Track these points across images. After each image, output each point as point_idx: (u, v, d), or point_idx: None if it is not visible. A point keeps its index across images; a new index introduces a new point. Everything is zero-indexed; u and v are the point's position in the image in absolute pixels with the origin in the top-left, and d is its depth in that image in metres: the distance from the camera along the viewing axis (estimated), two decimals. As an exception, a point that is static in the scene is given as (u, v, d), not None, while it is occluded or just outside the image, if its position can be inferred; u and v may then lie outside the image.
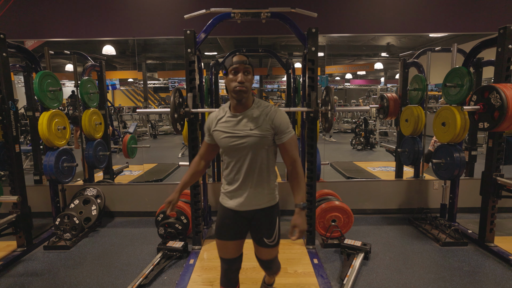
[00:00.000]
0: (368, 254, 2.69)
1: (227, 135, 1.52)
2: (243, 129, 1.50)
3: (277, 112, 1.52)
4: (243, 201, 1.57)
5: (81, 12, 3.83)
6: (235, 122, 1.52)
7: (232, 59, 1.46)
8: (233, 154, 1.54)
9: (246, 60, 1.46)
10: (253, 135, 1.49)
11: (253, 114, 1.51)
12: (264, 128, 1.49)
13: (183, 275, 2.42)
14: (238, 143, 1.50)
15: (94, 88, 3.94)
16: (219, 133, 1.55)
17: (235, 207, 1.59)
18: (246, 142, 1.49)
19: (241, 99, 1.47)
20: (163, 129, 10.99)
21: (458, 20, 3.85)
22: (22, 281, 2.43)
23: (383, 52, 8.81)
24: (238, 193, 1.58)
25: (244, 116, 1.51)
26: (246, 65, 1.46)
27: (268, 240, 1.62)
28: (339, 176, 5.29)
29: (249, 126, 1.49)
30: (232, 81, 1.45)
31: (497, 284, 2.32)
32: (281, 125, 1.51)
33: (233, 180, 1.58)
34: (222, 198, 1.66)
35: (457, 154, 3.01)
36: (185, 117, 2.66)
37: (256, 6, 3.66)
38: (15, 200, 2.64)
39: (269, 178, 1.59)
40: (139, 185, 4.00)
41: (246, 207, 1.58)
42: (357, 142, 7.88)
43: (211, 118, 1.59)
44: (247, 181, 1.55)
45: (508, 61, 2.56)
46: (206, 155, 1.69)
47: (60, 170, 3.13)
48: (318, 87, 2.76)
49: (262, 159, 1.54)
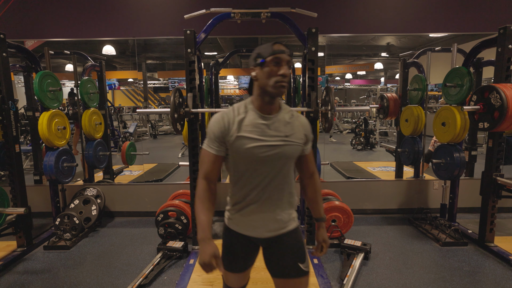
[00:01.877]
0: (368, 254, 2.69)
1: (257, 143, 1.16)
2: (276, 135, 1.18)
3: (306, 119, 1.31)
4: (267, 225, 1.24)
5: (81, 12, 3.83)
6: (266, 126, 1.18)
7: (273, 46, 1.15)
8: (258, 167, 1.19)
9: (289, 50, 1.18)
10: (290, 143, 1.20)
11: (285, 118, 1.22)
12: (298, 136, 1.23)
13: (183, 275, 2.42)
14: (271, 154, 1.17)
15: (94, 88, 3.94)
16: (244, 140, 1.16)
17: (253, 233, 1.26)
18: (281, 153, 1.18)
19: (279, 96, 1.19)
20: (163, 129, 10.99)
21: (458, 20, 3.85)
22: (22, 281, 2.43)
23: (383, 52, 8.82)
24: (259, 216, 1.24)
25: (276, 119, 1.20)
26: (289, 57, 1.18)
27: (303, 265, 1.27)
28: (339, 176, 5.29)
29: (283, 132, 1.20)
30: (272, 73, 1.14)
31: (497, 284, 2.32)
32: (310, 134, 1.29)
33: (252, 199, 1.22)
34: (231, 221, 1.29)
35: (457, 154, 3.01)
36: (185, 117, 2.66)
37: (256, 6, 3.66)
38: (22, 212, 2.62)
39: (294, 194, 1.30)
40: (139, 185, 4.00)
41: (271, 233, 1.25)
42: (357, 142, 7.88)
43: (226, 120, 1.19)
44: (272, 200, 1.23)
45: (508, 61, 2.56)
46: (214, 174, 1.24)
47: (60, 170, 3.13)
48: (318, 87, 2.76)
49: (290, 173, 1.25)
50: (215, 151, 1.20)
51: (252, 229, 1.26)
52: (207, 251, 1.15)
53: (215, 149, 1.20)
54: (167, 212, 2.97)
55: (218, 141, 1.19)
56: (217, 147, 1.20)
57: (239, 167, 1.21)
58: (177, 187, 3.59)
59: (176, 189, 3.51)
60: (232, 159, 1.21)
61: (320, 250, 1.38)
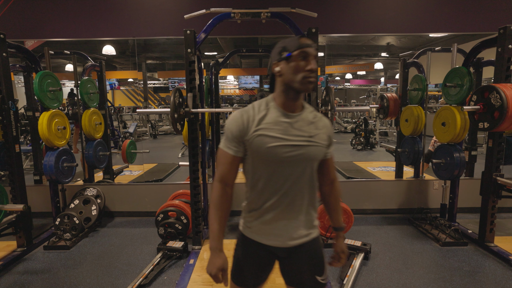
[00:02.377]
0: (368, 254, 2.69)
1: (280, 143, 1.07)
2: (300, 134, 1.10)
3: (329, 120, 1.22)
4: (290, 233, 1.15)
5: (81, 12, 3.83)
6: (289, 125, 1.10)
7: (299, 40, 1.07)
8: (279, 169, 1.10)
9: (316, 44, 1.14)
10: (314, 144, 1.12)
11: (309, 117, 1.14)
12: (322, 138, 1.15)
13: (183, 275, 2.42)
14: (294, 155, 1.09)
15: (94, 88, 3.94)
16: (265, 138, 1.07)
17: (274, 242, 1.16)
18: (305, 154, 1.10)
19: (307, 92, 1.09)
20: (163, 129, 10.99)
21: (458, 20, 3.85)
22: (22, 281, 2.43)
23: (383, 52, 8.82)
24: (281, 223, 1.14)
25: (300, 118, 1.12)
26: (316, 51, 1.10)
27: (321, 277, 1.21)
28: (339, 176, 5.29)
29: (307, 131, 1.11)
30: (299, 68, 1.06)
31: (497, 284, 2.32)
32: (333, 137, 1.21)
33: (274, 205, 1.12)
34: (249, 230, 1.18)
35: (457, 154, 3.01)
36: (185, 117, 2.66)
37: (256, 6, 3.66)
38: (21, 208, 2.60)
39: (316, 200, 1.21)
40: (139, 185, 4.00)
41: (294, 241, 1.16)
42: (357, 142, 7.88)
43: (245, 118, 1.10)
44: (295, 206, 1.14)
45: (508, 61, 2.56)
46: (231, 177, 1.15)
47: (60, 170, 3.13)
48: (318, 87, 2.76)
49: (313, 176, 1.17)
50: (233, 152, 1.11)
51: (274, 238, 1.15)
52: (216, 263, 1.10)
53: (233, 150, 1.11)
54: (167, 212, 2.97)
55: (236, 140, 1.10)
56: (235, 147, 1.11)
57: (259, 169, 1.11)
58: (177, 187, 3.59)
59: (176, 189, 3.51)
60: (251, 160, 1.12)
61: (337, 261, 1.32)
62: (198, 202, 2.83)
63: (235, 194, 1.18)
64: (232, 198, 1.17)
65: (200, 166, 2.86)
